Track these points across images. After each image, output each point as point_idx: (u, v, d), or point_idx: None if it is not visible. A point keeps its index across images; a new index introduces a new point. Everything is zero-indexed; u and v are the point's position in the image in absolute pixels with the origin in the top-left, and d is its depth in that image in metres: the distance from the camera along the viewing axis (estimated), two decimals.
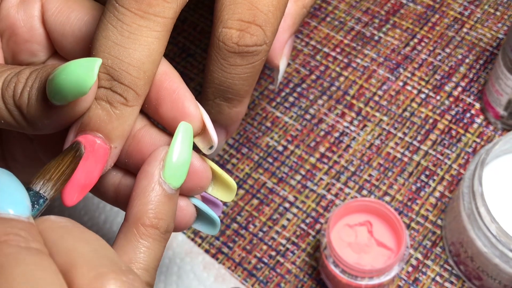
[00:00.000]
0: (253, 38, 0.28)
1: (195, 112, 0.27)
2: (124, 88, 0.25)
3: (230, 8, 0.28)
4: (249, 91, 0.31)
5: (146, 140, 0.27)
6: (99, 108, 0.25)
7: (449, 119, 0.49)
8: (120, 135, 0.26)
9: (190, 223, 0.28)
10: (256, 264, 0.45)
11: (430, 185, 0.47)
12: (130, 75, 0.25)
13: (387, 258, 0.40)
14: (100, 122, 0.25)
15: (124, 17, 0.25)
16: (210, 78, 0.30)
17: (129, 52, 0.25)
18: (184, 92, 0.27)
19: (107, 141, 0.26)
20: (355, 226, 0.41)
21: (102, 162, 0.26)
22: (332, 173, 0.48)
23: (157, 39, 0.25)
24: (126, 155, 0.27)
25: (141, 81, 0.25)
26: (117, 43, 0.25)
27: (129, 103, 0.25)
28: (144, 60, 0.25)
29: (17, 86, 0.26)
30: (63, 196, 0.25)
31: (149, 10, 0.25)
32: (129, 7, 0.25)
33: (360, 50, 0.53)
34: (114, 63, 0.25)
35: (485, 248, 0.38)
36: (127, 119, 0.26)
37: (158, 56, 0.26)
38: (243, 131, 0.50)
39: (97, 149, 0.25)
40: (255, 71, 0.30)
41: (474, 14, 0.55)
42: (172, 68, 0.27)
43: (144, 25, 0.25)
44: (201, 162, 0.27)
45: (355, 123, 0.50)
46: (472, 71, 0.52)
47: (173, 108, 0.27)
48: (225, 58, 0.29)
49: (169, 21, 0.26)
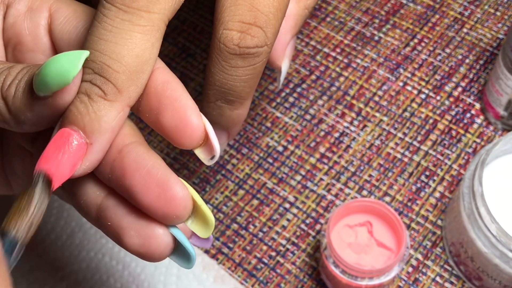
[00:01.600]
0: (254, 40, 0.28)
1: (197, 122, 0.26)
2: (102, 81, 0.24)
3: (231, 9, 0.28)
4: (250, 93, 0.31)
5: (130, 156, 0.25)
6: (78, 101, 0.25)
7: (449, 119, 0.49)
8: (95, 130, 0.25)
9: (165, 254, 0.26)
10: (256, 265, 0.45)
11: (430, 185, 0.47)
12: (109, 67, 0.24)
13: (387, 259, 0.40)
14: (77, 114, 0.25)
15: (109, 12, 0.25)
16: (211, 80, 0.30)
17: (109, 45, 0.24)
18: (186, 101, 0.26)
19: (83, 136, 0.25)
20: (355, 226, 0.41)
21: (75, 156, 0.24)
22: (332, 173, 0.48)
23: (140, 34, 0.25)
24: (110, 169, 0.26)
25: (121, 75, 0.25)
26: (100, 38, 0.25)
27: (107, 96, 0.25)
28: (124, 54, 0.25)
29: (7, 79, 0.25)
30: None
31: (132, 4, 0.25)
32: (114, 3, 0.25)
33: (360, 51, 0.53)
34: (96, 57, 0.25)
35: (485, 248, 0.38)
36: (105, 114, 0.25)
37: (141, 50, 0.25)
38: (243, 131, 0.50)
39: (70, 141, 0.24)
40: (256, 73, 0.30)
41: (474, 14, 0.55)
42: (174, 77, 0.27)
43: (126, 19, 0.25)
44: (182, 188, 0.25)
45: (355, 123, 0.50)
46: (472, 71, 0.52)
47: (174, 117, 0.26)
48: (226, 60, 0.29)
49: (155, 16, 0.25)
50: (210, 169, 0.48)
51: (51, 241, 0.45)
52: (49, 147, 0.25)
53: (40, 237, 0.45)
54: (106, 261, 0.44)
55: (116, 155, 0.25)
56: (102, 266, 0.44)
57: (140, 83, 0.25)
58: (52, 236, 0.45)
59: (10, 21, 0.29)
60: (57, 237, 0.45)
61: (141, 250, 0.25)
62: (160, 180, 0.25)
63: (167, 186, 0.24)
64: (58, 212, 0.46)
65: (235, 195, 0.47)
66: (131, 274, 0.44)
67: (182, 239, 0.26)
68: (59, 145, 0.25)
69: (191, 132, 0.26)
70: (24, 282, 0.43)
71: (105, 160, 0.26)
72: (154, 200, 0.25)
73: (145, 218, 0.25)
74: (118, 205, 0.26)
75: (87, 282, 0.43)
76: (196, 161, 0.49)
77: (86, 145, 0.25)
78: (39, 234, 0.45)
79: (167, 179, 0.25)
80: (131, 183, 0.25)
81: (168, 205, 0.25)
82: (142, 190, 0.25)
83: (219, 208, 0.47)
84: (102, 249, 0.45)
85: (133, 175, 0.25)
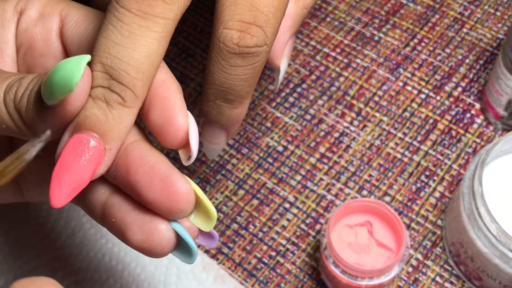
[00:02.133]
0: (254, 39, 0.28)
1: (182, 123, 0.26)
2: (122, 88, 0.25)
3: (230, 9, 0.28)
4: (249, 92, 0.31)
5: (134, 154, 0.26)
6: (96, 107, 0.25)
7: (449, 119, 0.49)
8: (115, 136, 0.25)
9: (168, 249, 0.26)
10: (256, 265, 0.45)
11: (430, 185, 0.47)
12: (128, 74, 0.25)
13: (387, 259, 0.40)
14: (96, 121, 0.25)
15: (124, 17, 0.25)
16: (211, 79, 0.30)
17: (128, 51, 0.25)
18: (176, 101, 0.26)
19: (101, 142, 0.25)
20: (355, 226, 0.41)
21: (95, 163, 0.25)
22: (332, 173, 0.48)
23: (156, 40, 0.25)
24: (115, 167, 0.26)
25: (139, 82, 0.25)
26: (117, 43, 0.25)
27: (126, 103, 0.25)
28: (142, 61, 0.25)
29: (18, 90, 0.25)
30: (50, 196, 0.25)
31: (149, 10, 0.25)
32: (129, 8, 0.25)
33: (360, 51, 0.53)
34: (113, 63, 0.25)
35: (485, 248, 0.38)
36: (124, 120, 0.25)
37: (156, 58, 0.25)
38: (243, 131, 0.50)
39: (90, 148, 0.25)
40: (255, 72, 0.30)
41: (474, 14, 0.55)
42: (172, 77, 0.27)
43: (144, 25, 0.25)
44: (184, 183, 0.25)
45: (355, 123, 0.50)
46: (472, 71, 0.52)
47: (161, 115, 0.26)
48: (226, 59, 0.29)
49: (170, 22, 0.25)
50: (210, 169, 0.48)
51: (51, 241, 0.45)
52: (65, 153, 0.25)
53: (39, 238, 0.45)
54: (106, 261, 0.44)
55: (120, 153, 0.26)
56: (102, 266, 0.44)
57: (149, 85, 0.26)
58: (51, 236, 0.45)
59: (22, 27, 0.29)
60: (56, 238, 0.45)
61: (144, 245, 0.26)
62: (163, 175, 0.25)
63: (170, 181, 0.25)
64: (58, 213, 0.46)
65: (235, 195, 0.47)
66: (131, 274, 0.44)
67: (183, 233, 0.26)
68: (77, 152, 0.25)
69: (175, 131, 0.26)
70: None
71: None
72: (158, 195, 0.25)
73: (148, 214, 0.26)
74: (122, 202, 0.26)
75: (87, 282, 0.43)
76: (196, 161, 0.49)
77: (104, 151, 0.25)
78: (39, 234, 0.45)
79: (170, 174, 0.25)
80: (135, 179, 0.25)
81: (171, 200, 0.25)
82: (146, 186, 0.25)
83: (219, 208, 0.47)
84: (102, 249, 0.45)
85: (137, 172, 0.25)
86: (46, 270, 0.44)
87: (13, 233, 0.45)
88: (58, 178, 0.25)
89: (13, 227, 0.45)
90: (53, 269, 0.44)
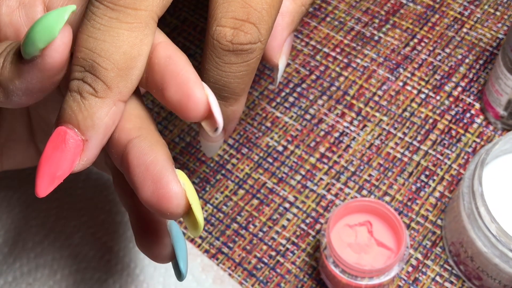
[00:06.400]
0: (247, 36, 0.28)
1: (200, 95, 0.26)
2: (93, 78, 0.25)
3: (223, 6, 0.29)
4: (245, 89, 0.31)
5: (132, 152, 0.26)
6: (71, 99, 0.25)
7: (449, 119, 0.49)
8: (90, 126, 0.25)
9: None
10: (256, 264, 0.45)
11: (430, 185, 0.47)
12: (98, 65, 0.25)
13: (387, 258, 0.40)
14: (71, 113, 0.25)
15: (97, 10, 0.25)
16: (206, 76, 0.30)
17: (98, 43, 0.25)
18: (189, 74, 0.27)
19: (78, 133, 0.25)
20: (355, 226, 0.41)
21: (73, 154, 0.25)
22: (332, 173, 0.48)
23: (127, 31, 0.25)
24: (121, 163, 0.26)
25: (110, 72, 0.25)
26: (89, 35, 0.25)
27: (98, 94, 0.25)
28: (112, 51, 0.25)
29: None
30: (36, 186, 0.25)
31: (119, 2, 0.25)
32: (102, 1, 0.25)
33: (360, 50, 0.53)
34: (86, 55, 0.25)
35: (485, 248, 0.38)
36: (97, 110, 0.25)
37: (129, 47, 0.25)
38: (243, 131, 0.50)
39: (67, 139, 0.25)
40: (250, 69, 0.30)
41: (474, 14, 0.55)
42: (177, 50, 0.27)
43: (114, 17, 0.25)
44: (176, 185, 0.25)
45: (355, 123, 0.50)
46: (472, 71, 0.52)
47: (177, 91, 0.26)
48: (220, 57, 0.29)
49: (142, 13, 0.26)
50: (210, 168, 0.48)
51: (50, 241, 0.45)
52: (48, 145, 0.25)
53: (39, 238, 0.45)
54: (105, 261, 0.44)
55: (123, 149, 0.26)
56: (101, 267, 0.44)
57: (130, 78, 0.26)
58: (51, 237, 0.45)
59: (5, 19, 0.29)
60: (56, 238, 0.45)
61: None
62: (155, 177, 0.25)
63: (161, 184, 0.25)
64: (58, 213, 0.46)
65: (235, 195, 0.47)
66: (130, 275, 0.44)
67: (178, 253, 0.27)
68: (56, 144, 0.25)
69: (195, 105, 0.26)
70: (23, 283, 0.43)
71: (116, 154, 0.26)
72: (150, 196, 0.25)
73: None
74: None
75: (86, 283, 0.43)
76: (196, 161, 0.49)
77: (82, 142, 0.25)
78: (38, 234, 0.45)
79: (162, 176, 0.25)
80: (133, 178, 0.26)
81: (161, 202, 0.25)
82: (140, 185, 0.25)
83: (219, 207, 0.47)
84: (101, 250, 0.45)
85: (134, 171, 0.25)
86: (45, 271, 0.44)
87: (12, 234, 0.45)
88: (41, 169, 0.25)
89: (12, 228, 0.45)
90: (52, 270, 0.44)
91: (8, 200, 0.46)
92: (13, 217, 0.46)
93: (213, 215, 0.46)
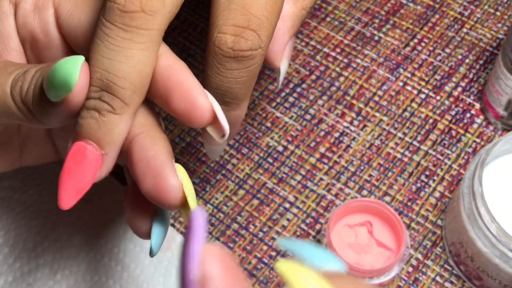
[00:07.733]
0: (248, 43, 0.29)
1: (205, 103, 0.28)
2: (110, 97, 0.26)
3: (224, 13, 0.29)
4: (247, 94, 0.31)
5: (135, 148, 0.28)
6: (89, 117, 0.27)
7: (449, 119, 0.49)
8: (109, 141, 0.27)
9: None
10: (256, 264, 0.45)
11: (430, 185, 0.47)
12: (115, 85, 0.26)
13: (387, 258, 0.40)
14: (90, 129, 0.27)
15: (110, 31, 0.26)
16: (208, 82, 0.30)
17: (114, 64, 0.26)
18: (192, 83, 0.28)
19: (98, 148, 0.27)
20: (355, 226, 0.41)
21: (94, 167, 0.27)
22: (332, 173, 0.48)
23: (141, 51, 0.26)
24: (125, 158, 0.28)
25: (127, 91, 0.26)
26: (104, 57, 0.26)
27: (116, 111, 0.27)
28: (128, 71, 0.26)
29: (23, 85, 0.27)
30: (59, 200, 0.27)
31: (131, 23, 0.26)
32: (114, 22, 0.26)
33: (360, 50, 0.53)
34: (102, 76, 0.26)
35: (485, 248, 0.38)
36: (115, 126, 0.27)
37: (143, 66, 0.27)
38: (243, 131, 0.50)
39: (88, 154, 0.27)
40: (251, 75, 0.30)
41: (474, 14, 0.55)
42: (178, 60, 0.28)
43: (127, 38, 0.26)
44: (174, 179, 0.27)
45: (355, 123, 0.50)
46: (472, 71, 0.52)
47: (182, 101, 0.28)
48: (221, 63, 0.30)
49: (154, 32, 0.27)
50: (210, 169, 0.48)
51: (51, 242, 0.45)
52: (68, 160, 0.27)
53: (39, 238, 0.45)
54: (105, 262, 0.44)
55: (127, 145, 0.28)
56: (101, 267, 0.44)
57: (144, 93, 0.28)
58: (51, 237, 0.45)
59: (21, 21, 0.31)
60: (56, 238, 0.45)
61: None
62: (155, 171, 0.27)
63: (160, 177, 0.27)
64: (57, 213, 0.46)
65: (235, 195, 0.47)
66: (130, 275, 0.44)
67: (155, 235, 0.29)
68: (77, 158, 0.27)
69: (200, 113, 0.28)
70: (23, 283, 0.43)
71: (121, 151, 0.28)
72: (150, 189, 0.27)
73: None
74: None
75: (86, 284, 0.43)
76: (196, 161, 0.49)
77: (102, 156, 0.27)
78: (38, 235, 0.45)
79: (162, 170, 0.27)
80: (135, 172, 0.27)
81: (160, 195, 0.27)
82: (141, 179, 0.27)
83: (219, 208, 0.47)
84: (101, 250, 0.45)
85: (136, 165, 0.27)
86: (45, 271, 0.44)
87: (12, 234, 0.45)
88: (63, 183, 0.27)
89: (13, 228, 0.45)
90: (52, 270, 0.44)
91: (8, 200, 0.46)
92: (14, 217, 0.46)
93: (213, 215, 0.46)
